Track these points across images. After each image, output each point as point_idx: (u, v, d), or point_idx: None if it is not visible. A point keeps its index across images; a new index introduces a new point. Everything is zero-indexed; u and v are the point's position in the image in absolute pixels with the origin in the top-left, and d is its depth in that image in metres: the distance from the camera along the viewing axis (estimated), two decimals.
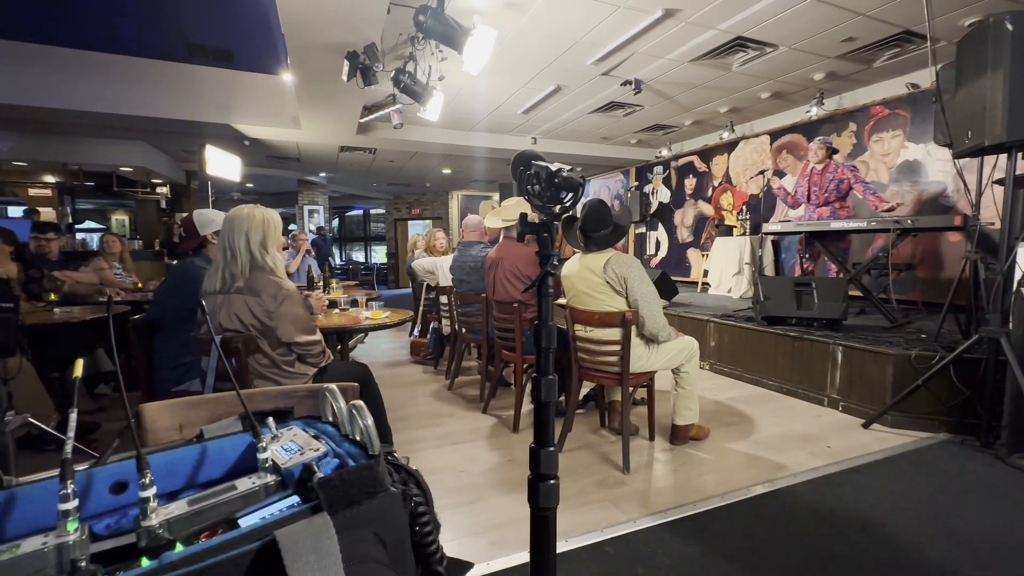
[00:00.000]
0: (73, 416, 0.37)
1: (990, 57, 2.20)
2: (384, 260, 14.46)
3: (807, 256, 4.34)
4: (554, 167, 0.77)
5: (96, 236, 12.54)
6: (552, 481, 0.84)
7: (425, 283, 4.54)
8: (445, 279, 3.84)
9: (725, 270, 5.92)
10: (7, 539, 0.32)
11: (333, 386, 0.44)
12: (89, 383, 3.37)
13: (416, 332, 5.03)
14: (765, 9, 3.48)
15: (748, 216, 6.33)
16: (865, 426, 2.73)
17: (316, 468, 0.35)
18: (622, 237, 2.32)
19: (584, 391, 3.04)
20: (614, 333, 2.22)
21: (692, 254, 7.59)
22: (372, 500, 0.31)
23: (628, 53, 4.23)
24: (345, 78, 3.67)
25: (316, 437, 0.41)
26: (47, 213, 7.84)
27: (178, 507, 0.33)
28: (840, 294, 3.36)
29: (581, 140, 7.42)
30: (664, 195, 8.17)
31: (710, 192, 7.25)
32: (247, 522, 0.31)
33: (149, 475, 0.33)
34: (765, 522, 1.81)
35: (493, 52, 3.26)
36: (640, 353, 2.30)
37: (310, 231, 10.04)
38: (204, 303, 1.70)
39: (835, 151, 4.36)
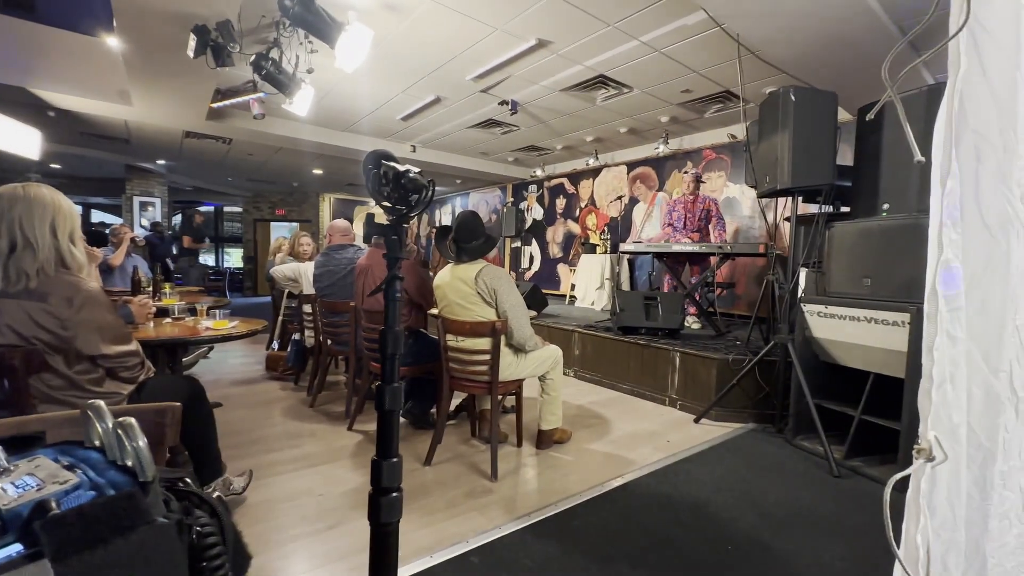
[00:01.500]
0: None
1: (780, 119, 2.77)
2: (240, 264, 12.85)
3: (654, 273, 4.93)
4: (402, 168, 0.75)
5: None
6: (395, 494, 0.81)
7: (286, 291, 4.13)
8: (310, 287, 3.54)
9: (589, 284, 6.46)
10: None
11: (100, 403, 0.36)
12: None
13: (275, 345, 4.54)
14: (622, 54, 3.92)
15: (609, 236, 7.01)
16: (696, 421, 3.17)
17: (55, 505, 0.27)
18: (492, 248, 2.38)
19: (456, 402, 3.03)
20: (484, 343, 2.26)
21: (562, 269, 8.14)
22: (127, 537, 0.25)
23: (506, 74, 4.42)
24: (191, 54, 3.21)
25: (70, 467, 0.33)
26: None
27: None
28: (679, 307, 3.88)
29: (461, 153, 7.52)
30: (538, 212, 8.66)
31: (578, 212, 7.87)
32: None
33: None
34: (617, 514, 1.99)
35: (371, 53, 3.14)
36: (509, 362, 2.37)
37: (142, 227, 8.48)
38: None
39: (702, 181, 5.05)
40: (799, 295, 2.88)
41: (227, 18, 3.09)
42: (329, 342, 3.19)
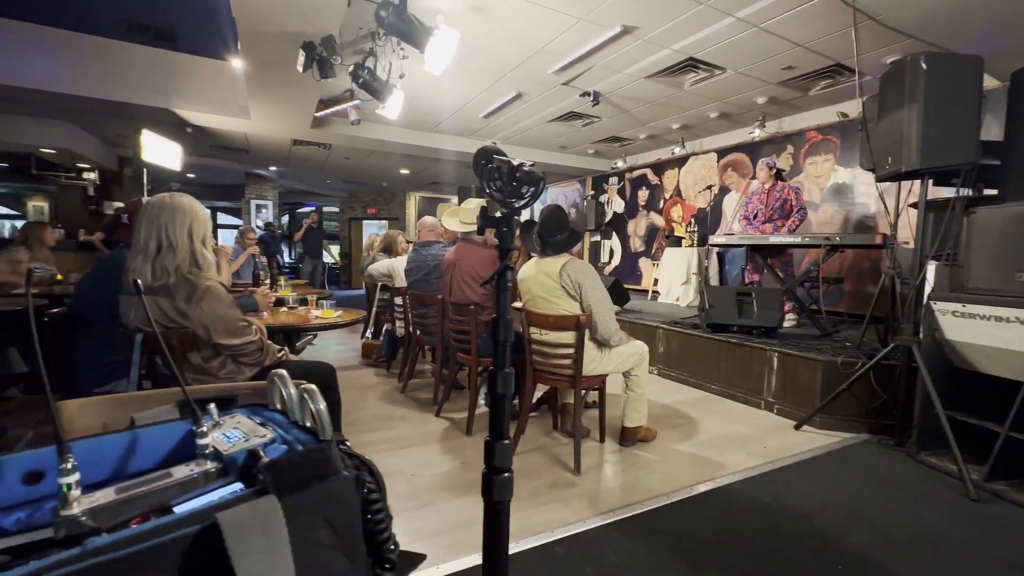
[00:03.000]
0: None
1: (907, 92, 2.44)
2: (337, 260, 13.98)
3: (748, 267, 4.60)
4: (516, 162, 0.78)
5: (7, 223, 11.36)
6: (506, 474, 0.84)
7: (379, 284, 4.43)
8: (402, 281, 3.77)
9: (674, 279, 6.18)
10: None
11: (283, 371, 0.42)
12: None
13: (368, 334, 4.89)
14: (714, 34, 3.68)
15: (696, 228, 6.64)
16: (797, 427, 2.91)
17: (262, 453, 0.33)
18: (577, 242, 2.37)
19: (537, 395, 3.07)
20: (568, 336, 2.26)
21: (643, 263, 7.87)
22: (323, 484, 0.30)
23: (588, 65, 4.34)
24: (300, 69, 3.54)
25: (262, 424, 0.39)
26: None
27: (104, 495, 0.30)
28: (777, 304, 3.58)
29: (540, 147, 7.53)
30: (618, 205, 8.43)
31: (661, 204, 7.55)
32: (183, 509, 0.29)
33: (71, 460, 0.30)
34: (708, 518, 1.90)
35: (456, 54, 3.25)
36: (592, 356, 2.35)
37: (258, 227, 9.57)
38: (121, 298, 1.57)
39: (781, 171, 4.66)
40: (927, 292, 2.53)
41: (330, 33, 3.37)
42: (418, 332, 3.37)
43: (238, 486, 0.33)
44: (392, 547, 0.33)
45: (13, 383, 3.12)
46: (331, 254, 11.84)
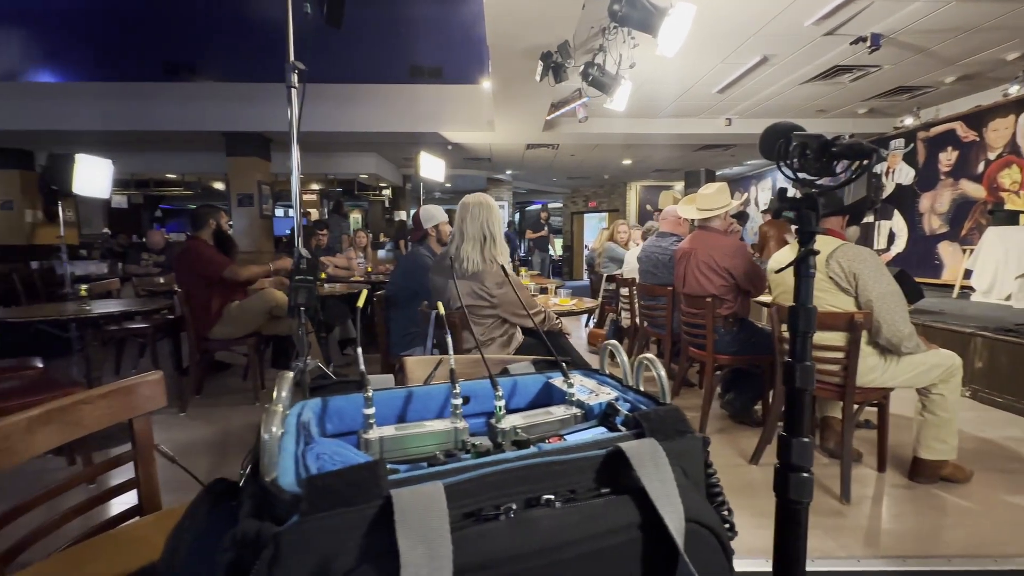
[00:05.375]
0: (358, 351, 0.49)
1: None
2: (560, 253, 14.93)
3: None
4: (831, 135, 0.69)
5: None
6: (805, 474, 0.78)
7: (605, 274, 4.55)
8: (630, 271, 3.80)
9: (1001, 270, 4.48)
10: (414, 420, 0.45)
11: (615, 341, 0.49)
12: (341, 344, 4.33)
13: (592, 323, 5.09)
14: None
15: None
16: None
17: (618, 407, 0.40)
18: (859, 220, 1.94)
19: None
20: (837, 338, 1.89)
21: (945, 248, 5.93)
22: (682, 438, 0.34)
23: (860, 5, 3.49)
24: (538, 78, 3.88)
25: (600, 384, 0.47)
26: (313, 213, 10.29)
27: (516, 419, 0.41)
28: None
29: (788, 116, 6.44)
30: (905, 175, 6.55)
31: (981, 168, 5.53)
32: (570, 439, 0.38)
33: (501, 390, 0.42)
34: None
35: (690, 30, 3.05)
36: (872, 365, 1.91)
37: None
38: (448, 282, 1.99)
39: None
40: None
41: (565, 39, 3.59)
42: (645, 324, 3.34)
43: (600, 429, 0.41)
44: (728, 510, 0.36)
45: (350, 344, 4.40)
46: (554, 248, 12.73)
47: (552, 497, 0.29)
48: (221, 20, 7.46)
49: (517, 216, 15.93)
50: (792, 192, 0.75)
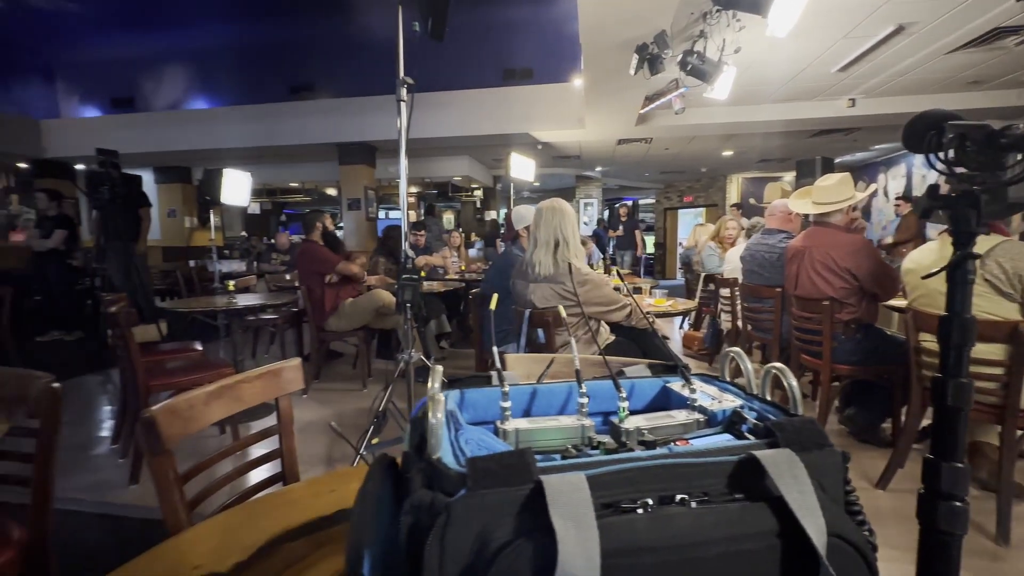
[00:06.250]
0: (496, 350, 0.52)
1: None
2: (651, 251, 14.37)
3: None
4: (998, 125, 0.60)
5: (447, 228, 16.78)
6: (958, 504, 0.69)
7: (703, 275, 4.31)
8: (732, 271, 3.56)
9: None
10: (537, 415, 0.49)
11: (738, 348, 0.49)
12: (436, 338, 4.59)
13: (687, 325, 4.85)
14: None
15: None
16: None
17: (745, 415, 0.40)
18: (1016, 211, 1.65)
19: (926, 421, 2.34)
20: (994, 350, 1.62)
21: None
22: (820, 451, 0.33)
23: None
24: (632, 72, 3.77)
25: (722, 391, 0.47)
26: (411, 215, 11.03)
27: (639, 420, 0.43)
28: None
29: (929, 92, 5.58)
30: None
31: None
32: (696, 444, 0.39)
33: (624, 391, 0.44)
34: None
35: (806, 4, 2.78)
36: None
37: (584, 223, 10.88)
38: (528, 286, 2.05)
39: None
40: None
41: (662, 29, 3.45)
42: (749, 327, 3.11)
43: (726, 436, 0.41)
44: (868, 531, 0.34)
45: (446, 337, 4.64)
46: (644, 245, 12.26)
47: (687, 497, 0.30)
48: (335, 42, 8.27)
49: (607, 213, 15.60)
50: (944, 188, 0.66)
